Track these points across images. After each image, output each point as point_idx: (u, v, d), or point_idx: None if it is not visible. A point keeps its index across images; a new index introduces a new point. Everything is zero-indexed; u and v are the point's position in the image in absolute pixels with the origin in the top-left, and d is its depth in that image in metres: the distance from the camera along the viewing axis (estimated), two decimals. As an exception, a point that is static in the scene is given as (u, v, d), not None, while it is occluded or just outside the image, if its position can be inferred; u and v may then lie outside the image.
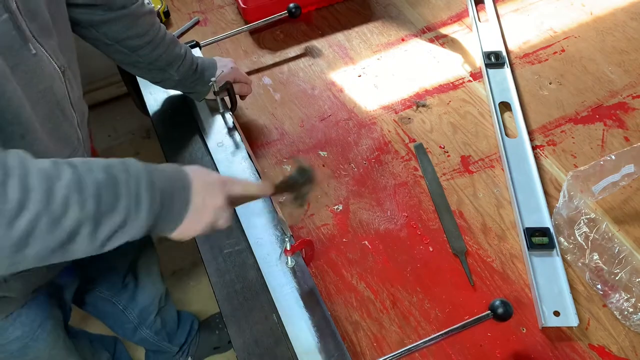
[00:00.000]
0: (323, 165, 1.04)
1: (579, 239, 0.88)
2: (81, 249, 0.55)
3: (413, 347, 0.73)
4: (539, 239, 0.89)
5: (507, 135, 1.05)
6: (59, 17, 0.74)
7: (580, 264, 0.87)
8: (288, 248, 0.83)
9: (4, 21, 0.61)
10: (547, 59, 1.21)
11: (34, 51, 0.65)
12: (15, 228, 0.50)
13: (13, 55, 0.62)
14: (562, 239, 0.89)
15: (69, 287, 1.08)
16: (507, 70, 1.17)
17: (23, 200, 0.50)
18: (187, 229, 0.64)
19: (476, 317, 0.74)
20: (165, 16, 1.33)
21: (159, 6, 1.30)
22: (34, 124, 0.67)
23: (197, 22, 1.33)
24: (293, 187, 0.76)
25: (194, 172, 0.65)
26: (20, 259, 0.52)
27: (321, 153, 1.06)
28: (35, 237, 0.51)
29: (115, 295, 1.21)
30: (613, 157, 0.88)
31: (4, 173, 0.49)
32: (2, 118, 0.62)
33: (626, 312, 0.82)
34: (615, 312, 0.83)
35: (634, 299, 0.82)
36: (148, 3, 0.93)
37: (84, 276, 1.11)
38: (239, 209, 0.93)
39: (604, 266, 0.85)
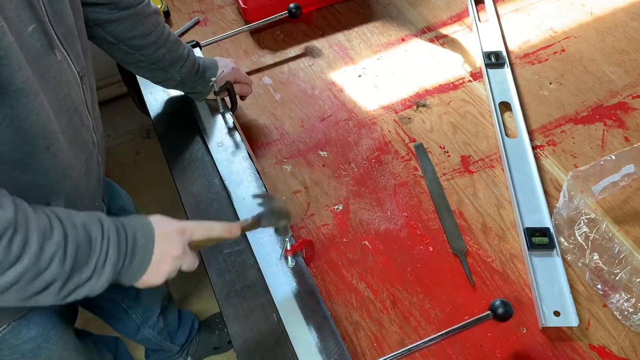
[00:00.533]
0: (323, 166, 1.04)
1: (579, 239, 0.88)
2: (44, 301, 0.58)
3: (413, 347, 0.73)
4: (539, 239, 0.89)
5: (507, 135, 1.05)
6: (79, 20, 0.74)
7: (580, 264, 0.87)
8: (288, 248, 0.83)
9: (32, 31, 0.60)
10: (547, 59, 1.21)
11: (58, 57, 0.66)
12: (4, 277, 0.53)
13: (40, 65, 0.62)
14: (562, 239, 0.89)
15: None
16: (507, 70, 1.17)
17: (20, 254, 0.53)
18: (148, 279, 0.67)
19: (476, 317, 0.74)
20: (166, 16, 1.33)
21: (160, 6, 1.30)
22: (57, 134, 0.68)
23: (197, 22, 1.33)
24: (265, 225, 0.78)
25: (157, 223, 0.67)
26: None
27: (321, 153, 1.06)
28: (17, 287, 0.54)
29: (120, 295, 1.21)
30: (613, 157, 0.88)
31: (14, 230, 0.52)
32: (30, 132, 0.63)
33: (626, 312, 0.82)
34: (615, 312, 0.83)
35: (634, 299, 0.82)
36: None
37: None
38: (239, 210, 0.93)
39: (604, 266, 0.85)
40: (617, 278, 0.84)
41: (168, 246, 0.67)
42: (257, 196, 0.88)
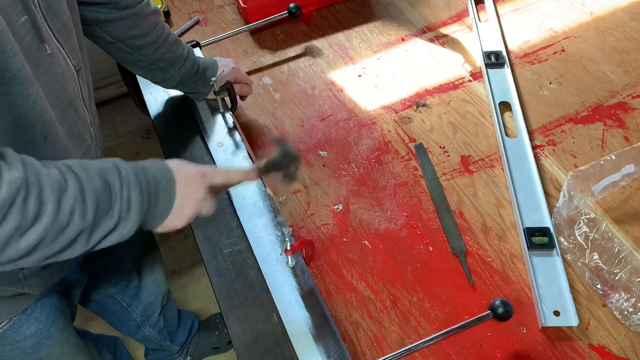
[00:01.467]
0: (323, 166, 1.04)
1: (579, 238, 0.88)
2: (74, 253, 0.57)
3: (413, 346, 0.73)
4: (539, 239, 0.89)
5: (507, 135, 1.05)
6: (75, 15, 0.74)
7: (580, 264, 0.87)
8: (288, 248, 0.83)
9: (23, 23, 0.60)
10: (547, 59, 1.21)
11: (49, 51, 0.66)
12: (25, 239, 0.52)
13: (33, 57, 0.63)
14: (562, 239, 0.89)
15: (78, 285, 1.09)
16: (507, 70, 1.17)
17: (38, 214, 0.52)
18: (171, 222, 0.66)
19: (476, 317, 0.74)
20: (166, 16, 1.33)
21: (160, 6, 1.30)
22: (54, 124, 0.68)
23: (197, 22, 1.34)
24: (278, 169, 0.77)
25: (176, 167, 0.67)
26: (21, 263, 0.54)
27: (321, 153, 1.06)
28: (41, 247, 0.53)
29: (120, 293, 1.21)
30: (613, 157, 0.88)
31: (26, 190, 0.51)
32: (27, 120, 0.63)
33: (626, 312, 0.82)
34: (615, 312, 0.83)
35: (633, 299, 0.82)
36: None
37: (91, 273, 1.11)
38: (239, 210, 0.93)
39: (603, 266, 0.85)
40: (616, 278, 0.84)
41: (190, 188, 0.67)
42: (273, 140, 0.85)
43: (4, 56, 0.56)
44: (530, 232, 0.89)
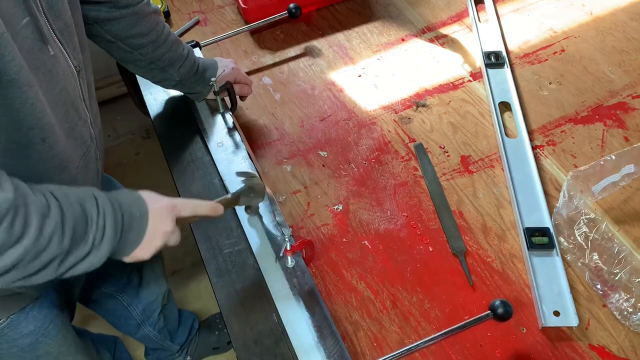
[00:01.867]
0: (323, 166, 1.04)
1: (579, 239, 0.88)
2: (44, 278, 0.59)
3: (413, 347, 0.73)
4: (539, 239, 0.89)
5: (507, 135, 1.05)
6: (77, 14, 0.74)
7: (580, 264, 0.87)
8: (288, 248, 0.83)
9: (25, 25, 0.61)
10: (547, 59, 1.21)
11: (52, 52, 0.66)
12: (5, 257, 0.53)
13: (34, 58, 0.63)
14: (562, 239, 0.89)
15: (77, 284, 1.09)
16: (507, 70, 1.17)
17: (21, 235, 0.53)
18: (139, 253, 0.69)
19: (476, 317, 0.74)
20: (166, 16, 1.33)
21: (160, 6, 1.30)
22: (53, 126, 0.68)
23: (197, 22, 1.34)
24: (243, 202, 0.84)
25: (149, 199, 0.69)
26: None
27: (321, 153, 1.06)
28: (18, 267, 0.55)
29: (120, 292, 1.21)
30: (613, 157, 0.88)
31: (14, 211, 0.53)
32: (25, 123, 0.63)
33: (625, 312, 0.82)
34: (614, 312, 0.83)
35: (633, 299, 0.82)
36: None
37: (90, 272, 1.11)
38: (239, 210, 0.93)
39: (603, 266, 0.85)
40: (616, 278, 0.84)
41: (160, 222, 0.68)
42: (239, 174, 0.88)
43: (2, 60, 0.56)
44: (530, 232, 0.89)
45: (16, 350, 0.91)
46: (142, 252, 0.69)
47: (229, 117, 1.05)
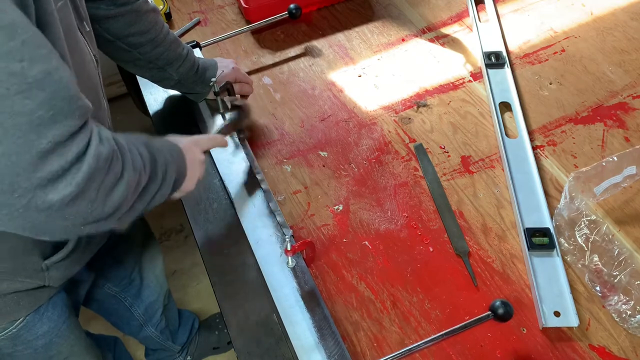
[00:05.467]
0: (323, 166, 1.04)
1: (580, 240, 0.88)
2: (136, 212, 0.65)
3: (413, 347, 0.73)
4: (539, 239, 0.89)
5: (507, 135, 1.05)
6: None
7: (580, 266, 0.87)
8: (288, 248, 0.83)
9: (62, 5, 0.61)
10: (547, 59, 1.21)
11: (87, 29, 0.68)
12: (114, 196, 0.58)
13: (69, 41, 0.63)
14: (562, 240, 0.89)
15: (84, 283, 1.09)
16: (507, 70, 1.17)
17: (121, 175, 0.59)
18: (187, 186, 0.77)
19: (477, 317, 0.74)
20: (167, 18, 1.33)
21: (161, 7, 1.30)
22: None
23: (197, 23, 1.33)
24: (236, 126, 1.02)
25: (176, 140, 0.77)
26: (108, 221, 0.60)
27: (321, 153, 1.06)
28: (123, 204, 0.60)
29: (122, 292, 1.21)
30: (615, 158, 0.88)
31: (113, 157, 0.57)
32: None
33: (624, 315, 0.82)
34: (613, 315, 0.83)
35: (632, 302, 0.81)
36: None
37: (95, 272, 1.12)
38: (239, 211, 0.93)
39: (603, 268, 0.85)
40: (616, 280, 0.84)
41: (193, 154, 0.78)
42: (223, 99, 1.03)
43: (52, 39, 0.56)
44: (531, 233, 0.89)
45: (30, 351, 0.92)
46: (189, 183, 0.77)
47: (229, 117, 1.05)
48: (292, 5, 1.19)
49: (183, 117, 1.08)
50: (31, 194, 0.50)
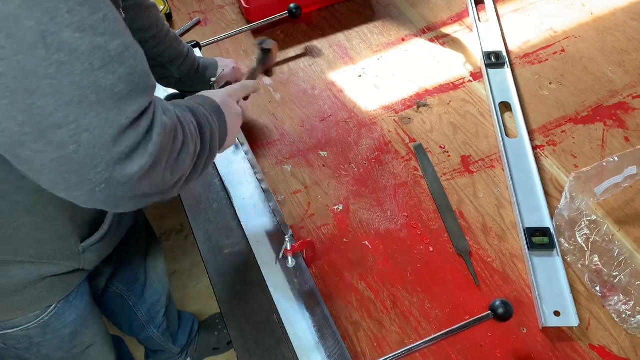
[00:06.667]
0: (323, 166, 1.04)
1: (580, 240, 0.88)
2: (197, 172, 0.68)
3: (413, 347, 0.73)
4: (540, 239, 0.89)
5: (507, 135, 1.05)
6: None
7: (580, 266, 0.87)
8: (288, 248, 0.83)
9: None
10: (547, 59, 1.21)
11: (123, 15, 0.69)
12: (182, 163, 0.60)
13: None
14: (562, 240, 0.89)
15: (103, 276, 1.09)
16: (507, 70, 1.17)
17: (184, 142, 0.60)
18: (229, 141, 0.78)
19: (477, 317, 0.74)
20: (168, 18, 1.33)
21: (162, 7, 1.30)
22: None
23: (197, 23, 1.33)
24: (263, 67, 1.06)
25: (211, 94, 0.77)
26: (166, 196, 0.62)
27: (321, 153, 1.06)
28: (192, 169, 0.64)
29: (128, 291, 1.21)
30: (616, 158, 0.88)
31: (176, 127, 0.59)
32: None
33: (624, 315, 0.81)
34: (612, 315, 0.82)
35: (632, 302, 0.81)
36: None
37: (111, 264, 1.12)
38: (239, 211, 0.93)
39: (603, 268, 0.85)
40: (615, 280, 0.84)
41: (230, 109, 0.78)
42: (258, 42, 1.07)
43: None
44: (531, 233, 0.89)
45: (57, 341, 0.92)
46: (230, 140, 0.78)
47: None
48: (292, 5, 1.19)
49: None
50: (112, 168, 0.50)
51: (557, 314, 0.82)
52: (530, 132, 1.06)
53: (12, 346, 0.89)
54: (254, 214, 0.92)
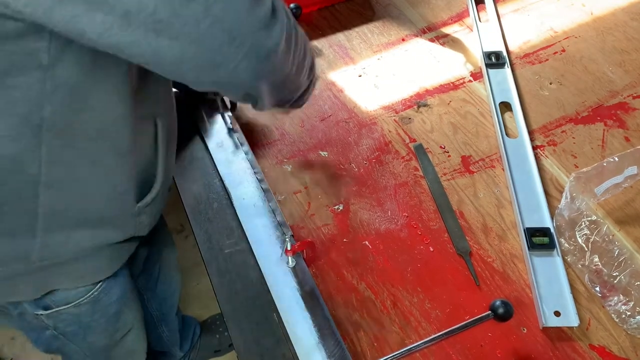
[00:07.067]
0: (323, 166, 1.04)
1: (580, 240, 0.88)
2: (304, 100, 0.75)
3: (414, 347, 0.73)
4: (540, 239, 0.89)
5: (507, 135, 1.05)
6: None
7: (580, 266, 0.87)
8: (289, 248, 0.83)
9: None
10: (547, 59, 1.21)
11: None
12: (305, 59, 0.64)
13: None
14: (562, 240, 0.89)
15: (139, 259, 1.09)
16: (507, 70, 1.17)
17: (297, 42, 0.62)
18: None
19: (477, 317, 0.74)
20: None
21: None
22: None
23: (197, 22, 1.33)
24: None
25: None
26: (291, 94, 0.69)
27: (322, 153, 1.06)
28: (307, 76, 0.69)
29: (143, 287, 1.20)
30: (616, 158, 0.88)
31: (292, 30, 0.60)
32: None
33: (624, 316, 0.81)
34: (612, 315, 0.82)
35: (632, 302, 0.81)
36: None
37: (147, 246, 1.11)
38: (239, 211, 0.93)
39: (603, 268, 0.85)
40: (615, 281, 0.84)
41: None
42: None
43: None
44: (531, 232, 0.89)
45: (104, 321, 0.92)
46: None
47: (228, 117, 1.05)
48: (292, 5, 1.19)
49: (183, 117, 1.08)
50: (250, 41, 0.50)
51: (557, 314, 0.82)
52: (530, 132, 1.06)
53: (61, 331, 0.88)
54: (254, 214, 0.92)
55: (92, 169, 0.68)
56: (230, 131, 1.04)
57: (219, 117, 1.06)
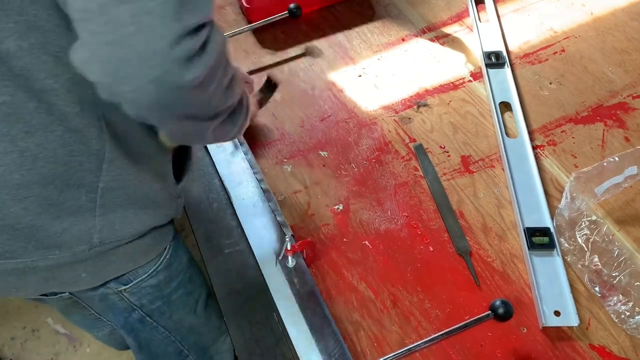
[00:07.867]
0: (323, 166, 1.04)
1: (580, 240, 0.88)
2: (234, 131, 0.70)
3: (414, 347, 0.73)
4: (540, 239, 0.89)
5: (507, 135, 1.05)
6: None
7: (580, 266, 0.87)
8: (289, 248, 0.83)
9: None
10: (547, 59, 1.21)
11: None
12: (231, 91, 0.62)
13: None
14: (562, 240, 0.89)
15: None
16: (507, 70, 1.17)
17: (236, 76, 0.64)
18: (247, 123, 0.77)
19: (477, 317, 0.74)
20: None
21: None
22: None
23: (197, 22, 1.33)
24: (266, 95, 1.08)
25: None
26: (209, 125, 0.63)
27: (321, 153, 1.06)
28: (231, 105, 0.65)
29: None
30: (616, 158, 0.88)
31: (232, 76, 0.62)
32: None
33: (623, 316, 0.81)
34: (612, 315, 0.82)
35: (631, 303, 0.81)
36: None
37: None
38: (239, 210, 0.93)
39: (603, 269, 0.85)
40: (615, 281, 0.84)
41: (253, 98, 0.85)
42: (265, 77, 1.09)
43: None
44: (531, 232, 0.89)
45: (182, 291, 0.90)
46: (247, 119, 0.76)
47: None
48: (292, 5, 1.19)
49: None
50: (168, 66, 0.49)
51: (557, 313, 0.82)
52: (530, 132, 1.06)
53: (147, 310, 0.86)
54: (254, 214, 0.92)
55: (142, 148, 0.70)
56: (230, 131, 1.04)
57: (219, 117, 1.06)
